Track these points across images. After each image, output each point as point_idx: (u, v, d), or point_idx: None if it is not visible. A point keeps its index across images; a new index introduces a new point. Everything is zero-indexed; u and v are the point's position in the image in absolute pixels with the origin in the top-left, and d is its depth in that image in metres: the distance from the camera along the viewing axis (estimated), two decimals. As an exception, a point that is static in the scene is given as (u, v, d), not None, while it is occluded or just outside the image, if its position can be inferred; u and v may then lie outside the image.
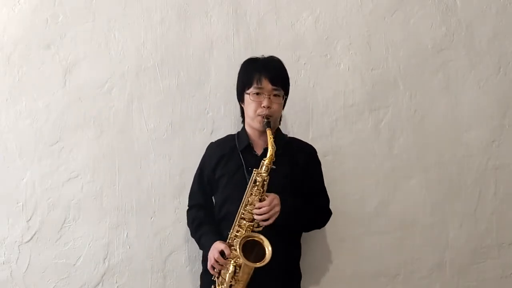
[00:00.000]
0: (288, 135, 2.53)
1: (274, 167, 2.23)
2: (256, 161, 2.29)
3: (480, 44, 2.90)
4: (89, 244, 2.63)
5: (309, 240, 2.61)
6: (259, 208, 2.19)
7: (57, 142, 2.63)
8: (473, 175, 2.87)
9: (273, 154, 2.21)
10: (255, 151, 2.38)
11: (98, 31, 2.67)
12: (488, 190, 2.88)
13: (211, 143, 2.51)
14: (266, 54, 2.73)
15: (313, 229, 2.52)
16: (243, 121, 2.47)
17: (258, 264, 2.14)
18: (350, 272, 2.76)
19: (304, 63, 2.77)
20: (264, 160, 2.23)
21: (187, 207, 2.53)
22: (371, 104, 2.81)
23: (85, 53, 2.66)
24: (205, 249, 2.34)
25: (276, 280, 2.28)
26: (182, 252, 2.67)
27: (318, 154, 2.49)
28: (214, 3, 2.74)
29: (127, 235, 2.64)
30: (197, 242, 2.44)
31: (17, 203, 2.60)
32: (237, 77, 2.43)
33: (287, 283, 2.37)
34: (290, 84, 2.42)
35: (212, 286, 2.27)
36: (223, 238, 2.27)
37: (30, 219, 2.60)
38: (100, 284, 2.63)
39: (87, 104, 2.65)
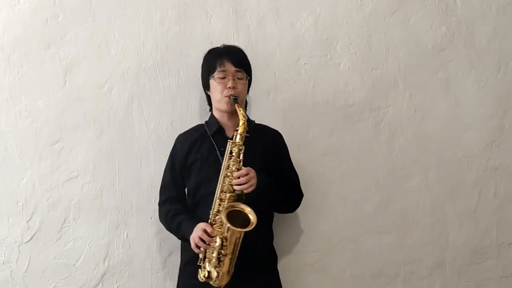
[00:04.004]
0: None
1: (248, 135, 2.27)
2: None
3: (480, 44, 2.90)
4: (89, 244, 2.63)
5: (309, 240, 2.60)
6: (238, 177, 2.21)
7: (57, 142, 2.62)
8: (473, 175, 2.87)
9: (246, 123, 2.26)
10: (226, 134, 2.39)
11: (98, 31, 2.67)
12: (488, 190, 2.88)
13: (180, 135, 2.52)
14: (266, 54, 2.74)
15: (286, 208, 2.52)
16: (211, 109, 2.51)
17: (245, 229, 2.12)
18: (350, 272, 2.76)
19: (304, 63, 2.77)
20: (237, 130, 2.26)
21: (158, 204, 2.48)
22: (371, 104, 2.81)
23: (85, 53, 2.65)
24: (187, 234, 2.29)
25: (252, 267, 2.26)
26: (182, 252, 2.67)
27: (317, 154, 2.48)
28: (214, 3, 2.74)
29: (127, 235, 2.64)
30: (175, 231, 2.39)
31: (17, 203, 2.59)
32: (201, 67, 2.49)
33: (263, 265, 2.36)
34: (290, 85, 2.42)
35: (199, 270, 2.22)
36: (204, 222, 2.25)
37: (30, 219, 2.60)
38: (100, 284, 2.62)
39: (87, 104, 2.65)
